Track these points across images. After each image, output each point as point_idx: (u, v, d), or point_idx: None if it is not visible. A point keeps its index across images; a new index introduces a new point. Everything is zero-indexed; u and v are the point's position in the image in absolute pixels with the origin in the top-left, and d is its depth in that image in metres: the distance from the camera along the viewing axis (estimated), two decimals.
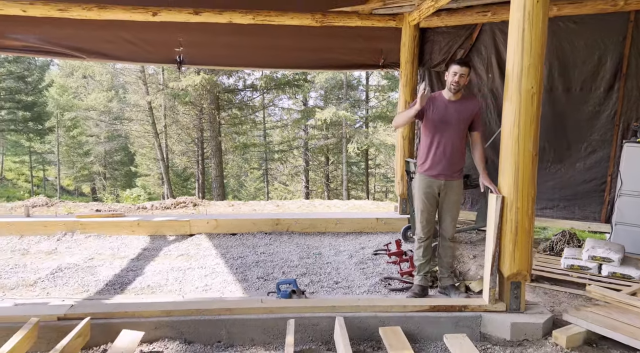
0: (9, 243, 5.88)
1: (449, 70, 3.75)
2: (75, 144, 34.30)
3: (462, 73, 3.69)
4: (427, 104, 3.77)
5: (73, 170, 35.88)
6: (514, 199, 3.33)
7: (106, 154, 34.30)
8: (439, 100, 3.83)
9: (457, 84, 3.71)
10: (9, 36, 6.43)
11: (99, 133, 31.34)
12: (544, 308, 3.56)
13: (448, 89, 3.80)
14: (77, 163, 35.39)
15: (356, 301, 3.51)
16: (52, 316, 3.20)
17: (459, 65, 3.70)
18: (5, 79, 27.28)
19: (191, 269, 5.08)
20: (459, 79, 3.69)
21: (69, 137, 34.12)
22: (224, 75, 19.30)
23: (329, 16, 6.27)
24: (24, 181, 39.11)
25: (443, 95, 3.85)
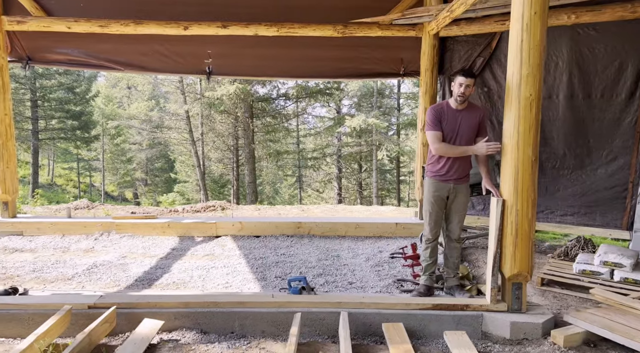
0: (52, 241, 6.36)
1: (455, 82, 3.90)
2: (119, 151, 35.83)
3: (468, 84, 3.83)
4: (440, 115, 3.92)
5: (116, 176, 37.44)
6: (514, 202, 3.45)
7: (148, 161, 35.66)
8: (447, 110, 3.97)
9: (463, 95, 3.85)
10: (56, 51, 7.00)
11: (141, 141, 32.66)
12: (546, 309, 3.65)
13: (455, 100, 3.94)
14: (120, 169, 36.93)
15: (361, 298, 3.70)
16: (84, 305, 3.54)
17: (464, 76, 3.84)
18: (56, 90, 28.82)
19: (214, 268, 5.38)
20: (464, 90, 3.83)
21: (113, 144, 35.70)
22: (258, 85, 19.84)
23: (350, 27, 6.50)
24: (72, 187, 41.04)
25: (450, 105, 3.99)
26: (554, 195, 6.34)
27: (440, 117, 3.95)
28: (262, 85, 20.27)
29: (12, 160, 6.83)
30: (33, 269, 5.23)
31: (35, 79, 27.57)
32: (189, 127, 22.15)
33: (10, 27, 6.56)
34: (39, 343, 2.84)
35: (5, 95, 6.75)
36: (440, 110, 3.99)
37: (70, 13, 6.60)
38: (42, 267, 5.30)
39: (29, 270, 5.20)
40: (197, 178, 29.28)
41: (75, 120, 29.31)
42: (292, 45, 6.83)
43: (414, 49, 6.76)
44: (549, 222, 6.34)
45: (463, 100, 3.91)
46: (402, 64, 6.97)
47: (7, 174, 6.78)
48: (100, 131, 33.12)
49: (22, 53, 6.94)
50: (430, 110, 4.04)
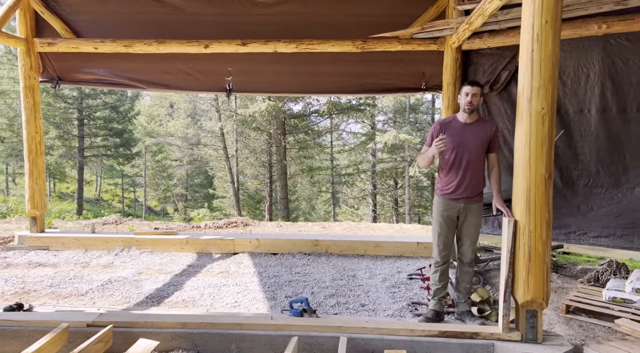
0: (74, 256, 6.48)
1: (461, 92, 3.75)
2: (160, 167, 36.86)
3: (474, 93, 3.67)
4: (442, 131, 3.77)
5: (157, 192, 38.48)
6: (526, 223, 3.22)
7: (188, 177, 36.52)
8: (454, 124, 3.80)
9: (470, 104, 3.69)
10: (84, 70, 7.23)
11: (181, 157, 33.51)
12: (564, 340, 3.36)
13: (463, 111, 3.77)
14: (161, 185, 37.94)
15: (364, 323, 3.52)
16: (82, 323, 3.52)
17: (469, 86, 3.70)
18: (101, 109, 30.01)
19: (226, 286, 5.31)
20: (471, 98, 3.67)
21: (154, 161, 36.78)
22: (291, 102, 19.99)
23: (369, 42, 6.40)
24: (117, 202, 42.48)
25: (458, 118, 3.82)
26: (586, 215, 5.95)
27: (443, 131, 3.78)
28: (295, 102, 20.42)
29: (41, 177, 7.05)
30: (50, 284, 5.31)
31: (82, 98, 28.81)
32: (223, 144, 22.49)
33: (42, 49, 6.83)
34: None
35: (37, 114, 7.00)
36: (444, 125, 3.83)
37: (97, 34, 6.82)
38: (59, 282, 5.37)
39: (47, 285, 5.28)
40: (234, 194, 29.70)
41: (118, 137, 30.38)
42: (311, 62, 6.80)
43: (435, 63, 6.58)
44: (581, 243, 5.94)
45: (471, 110, 3.73)
46: (424, 78, 6.80)
47: (36, 190, 7.00)
48: (142, 148, 34.23)
49: (53, 73, 7.20)
50: (434, 124, 3.89)
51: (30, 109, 6.90)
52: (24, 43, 6.73)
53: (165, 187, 37.78)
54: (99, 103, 29.58)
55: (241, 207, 29.66)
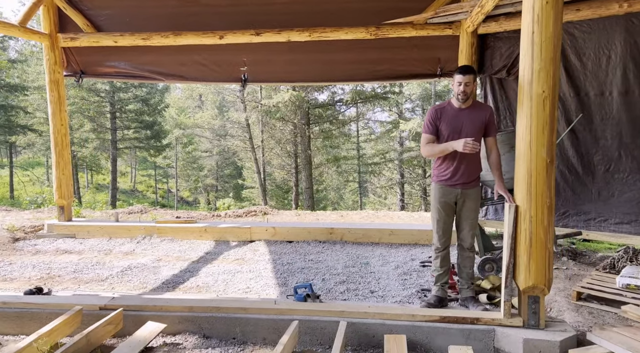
0: (99, 244, 6.73)
1: (454, 80, 3.70)
2: (190, 158, 37.55)
3: (467, 81, 3.61)
4: (437, 116, 3.74)
5: (189, 182, 39.26)
6: (527, 208, 3.17)
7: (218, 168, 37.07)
8: (449, 109, 3.76)
9: (463, 93, 3.63)
10: (105, 64, 7.43)
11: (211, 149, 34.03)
12: (568, 326, 3.31)
13: (457, 99, 3.72)
14: (192, 176, 38.67)
15: (366, 308, 3.56)
16: (95, 306, 3.68)
17: (462, 74, 3.63)
18: (132, 102, 30.72)
19: (240, 272, 5.42)
20: (464, 88, 3.62)
21: (185, 152, 37.50)
22: (316, 92, 19.97)
23: (383, 28, 6.35)
24: (151, 193, 43.60)
25: (453, 103, 3.78)
26: (607, 201, 5.79)
27: (439, 117, 3.74)
28: (319, 91, 20.39)
29: (67, 168, 7.32)
30: (74, 270, 5.54)
31: (114, 92, 29.55)
32: (249, 134, 22.72)
33: (65, 44, 7.05)
34: (38, 342, 2.97)
35: (62, 107, 7.24)
36: (439, 111, 3.78)
37: (117, 28, 6.99)
38: (82, 268, 5.59)
39: (70, 270, 5.51)
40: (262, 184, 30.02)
41: (149, 129, 31.04)
42: (325, 50, 6.78)
43: (451, 48, 6.48)
44: (601, 230, 5.79)
45: (465, 99, 3.68)
46: (440, 63, 6.70)
47: (63, 181, 7.28)
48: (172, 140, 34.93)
49: (76, 67, 7.43)
50: (429, 110, 3.86)
51: (55, 102, 7.14)
52: (48, 38, 6.96)
53: (195, 178, 38.49)
54: (130, 96, 30.28)
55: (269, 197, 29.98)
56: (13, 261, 5.94)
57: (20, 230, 7.44)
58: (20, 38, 5.58)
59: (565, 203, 6.06)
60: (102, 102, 29.73)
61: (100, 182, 41.74)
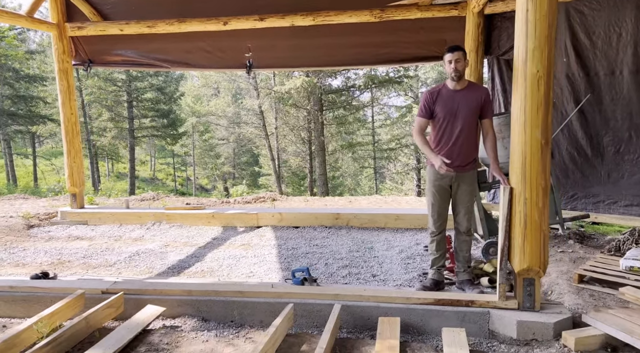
0: (110, 230, 6.86)
1: (445, 60, 3.67)
2: (207, 146, 37.83)
3: (457, 58, 3.58)
4: (432, 99, 3.70)
5: (206, 170, 39.63)
6: (522, 190, 3.12)
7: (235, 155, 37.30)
8: (444, 92, 3.71)
9: (455, 70, 3.60)
10: (112, 52, 7.50)
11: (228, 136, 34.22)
12: (564, 308, 3.28)
13: (450, 79, 3.68)
14: (209, 164, 39.01)
15: (361, 291, 3.57)
16: (97, 290, 3.76)
17: (450, 52, 3.63)
18: (148, 91, 31.01)
19: (245, 257, 5.47)
20: (455, 65, 3.59)
21: (202, 140, 37.78)
22: (330, 77, 19.86)
23: (388, 11, 6.26)
24: (171, 181, 44.17)
25: (448, 85, 3.73)
26: (617, 183, 5.67)
27: (434, 100, 3.70)
28: (333, 77, 20.28)
29: (78, 156, 7.45)
30: (84, 255, 5.66)
31: (130, 81, 29.85)
32: (262, 121, 22.76)
33: (72, 33, 7.13)
34: (38, 325, 3.06)
35: (71, 96, 7.34)
36: (434, 93, 3.74)
37: (123, 16, 7.04)
38: (92, 254, 5.72)
39: (80, 256, 5.64)
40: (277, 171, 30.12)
41: (165, 118, 31.35)
42: (329, 34, 6.73)
43: (457, 30, 6.37)
44: (610, 213, 5.69)
45: (458, 77, 3.64)
46: (446, 45, 6.54)
47: (74, 169, 7.41)
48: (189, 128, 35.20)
49: (84, 56, 7.51)
50: (424, 93, 3.82)
51: (65, 91, 7.25)
52: (55, 28, 7.05)
53: (213, 166, 38.83)
54: (146, 85, 30.57)
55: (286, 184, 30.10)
56: (27, 247, 6.10)
57: (35, 217, 7.63)
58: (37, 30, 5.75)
59: (574, 186, 5.95)
60: (119, 91, 30.08)
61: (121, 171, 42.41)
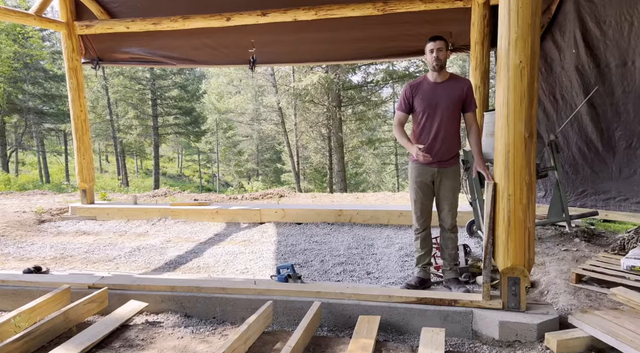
0: (116, 225, 6.95)
1: (426, 50, 3.54)
2: (230, 143, 38.18)
3: (439, 47, 3.47)
4: (411, 93, 3.59)
5: (230, 167, 40.02)
6: (505, 186, 2.99)
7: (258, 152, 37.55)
8: (425, 84, 3.59)
9: (437, 59, 3.49)
10: (120, 50, 7.60)
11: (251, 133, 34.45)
12: (551, 309, 3.13)
13: (432, 69, 3.56)
14: (232, 161, 39.38)
15: (343, 288, 3.49)
16: (84, 284, 3.79)
17: (432, 41, 3.52)
18: (171, 89, 31.47)
19: (243, 254, 5.45)
20: (437, 53, 3.48)
21: (225, 137, 38.14)
22: (349, 73, 19.71)
23: (391, 3, 6.12)
24: (197, 177, 44.82)
25: (429, 78, 3.61)
26: (629, 179, 5.42)
27: (414, 93, 3.59)
28: (352, 73, 20.14)
29: (87, 152, 7.57)
30: (86, 250, 5.74)
31: (154, 79, 30.34)
32: (281, 118, 22.79)
33: (81, 31, 7.23)
34: (16, 319, 3.09)
35: (81, 93, 7.46)
36: (414, 86, 3.63)
37: (130, 14, 7.12)
38: (94, 249, 5.80)
39: (83, 251, 5.72)
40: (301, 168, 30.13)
41: (187, 115, 31.74)
42: (333, 28, 6.64)
43: (462, 22, 6.20)
44: (621, 210, 5.45)
45: (440, 67, 3.51)
46: (451, 38, 6.42)
47: (84, 165, 7.54)
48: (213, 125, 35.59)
49: (93, 54, 7.63)
50: (404, 87, 3.71)
51: (74, 89, 7.37)
52: (65, 26, 7.16)
53: (236, 162, 39.16)
54: (169, 83, 31.03)
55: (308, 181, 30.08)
56: (35, 242, 6.23)
57: (48, 212, 7.79)
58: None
59: (583, 182, 5.72)
60: (144, 89, 30.62)
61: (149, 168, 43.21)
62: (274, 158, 39.06)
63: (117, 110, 32.29)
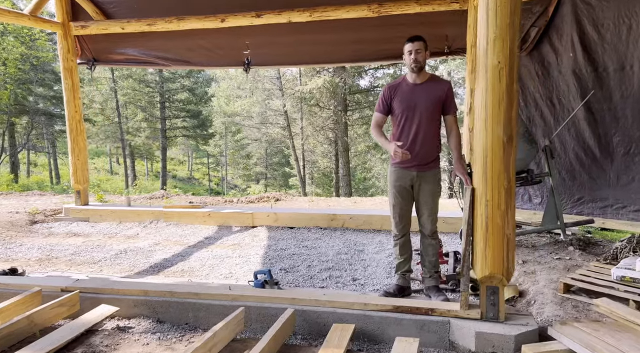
0: (108, 227, 6.90)
1: (404, 51, 3.42)
2: (238, 147, 38.21)
3: (417, 48, 3.33)
4: (390, 94, 3.47)
5: (238, 170, 40.06)
6: (483, 191, 2.86)
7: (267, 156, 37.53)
8: (404, 85, 3.47)
9: (416, 61, 3.36)
10: (116, 51, 7.56)
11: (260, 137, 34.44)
12: (531, 320, 2.99)
13: (410, 71, 3.43)
14: (241, 164, 39.40)
15: (318, 295, 3.37)
16: (57, 287, 3.71)
17: (410, 42, 3.39)
18: (180, 92, 31.60)
19: (230, 257, 5.36)
20: (415, 56, 3.34)
21: (234, 141, 38.18)
22: (356, 77, 19.59)
23: (386, 5, 6.02)
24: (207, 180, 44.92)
25: (407, 79, 3.49)
26: (627, 187, 5.25)
27: (393, 95, 3.47)
28: (360, 77, 20.02)
29: (82, 154, 7.54)
30: (73, 252, 5.68)
31: (163, 82, 30.48)
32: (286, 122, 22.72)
33: (76, 32, 7.22)
34: None
35: (76, 94, 7.44)
36: (393, 88, 3.51)
37: (126, 15, 7.09)
38: (81, 251, 5.73)
39: (69, 253, 5.66)
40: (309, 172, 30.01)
41: (195, 119, 31.82)
42: (328, 30, 6.56)
43: (459, 24, 6.06)
44: (619, 218, 5.27)
45: (419, 68, 3.39)
46: (447, 41, 6.30)
47: (79, 166, 7.51)
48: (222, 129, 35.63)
49: (89, 55, 7.61)
50: (383, 88, 3.59)
51: (69, 89, 7.35)
52: (60, 27, 7.15)
53: (244, 166, 39.17)
54: (178, 86, 31.15)
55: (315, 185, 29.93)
56: (24, 242, 6.19)
57: (42, 213, 7.77)
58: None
59: (580, 189, 5.55)
60: (153, 92, 30.76)
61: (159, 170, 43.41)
62: (283, 162, 39.02)
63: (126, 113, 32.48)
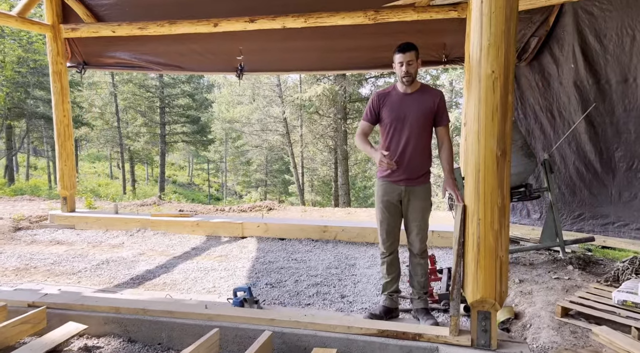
0: (93, 235, 6.70)
1: (395, 62, 3.21)
2: (238, 153, 38.03)
3: (409, 60, 3.13)
4: (378, 103, 3.28)
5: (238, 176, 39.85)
6: (475, 209, 2.66)
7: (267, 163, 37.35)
8: (393, 95, 3.27)
9: (407, 73, 3.16)
10: (106, 54, 7.40)
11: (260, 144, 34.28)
12: (526, 347, 2.76)
13: (401, 82, 3.23)
14: (240, 171, 39.21)
15: (300, 316, 3.16)
16: (24, 302, 3.50)
17: (401, 53, 3.16)
18: (179, 97, 31.46)
19: (215, 270, 5.15)
20: (407, 68, 3.14)
21: (233, 147, 38.01)
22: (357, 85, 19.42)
23: (382, 12, 5.86)
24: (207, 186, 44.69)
25: (398, 88, 3.29)
26: (629, 204, 5.04)
27: (382, 103, 3.28)
28: (361, 85, 19.85)
29: (69, 159, 7.35)
30: (53, 262, 5.48)
31: (163, 87, 30.35)
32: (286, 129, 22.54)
33: (66, 34, 7.06)
34: None
35: (65, 98, 7.26)
36: (382, 96, 3.31)
37: (117, 18, 6.92)
38: (62, 261, 5.53)
39: (49, 262, 5.45)
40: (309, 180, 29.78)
41: (195, 124, 31.66)
42: (323, 37, 6.39)
43: (457, 32, 5.89)
44: (621, 236, 5.06)
45: (410, 81, 3.18)
46: (445, 49, 6.13)
47: (66, 171, 7.32)
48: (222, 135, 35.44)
49: (79, 58, 7.45)
50: (372, 96, 3.40)
51: (58, 93, 7.17)
52: (50, 29, 6.99)
53: (244, 172, 38.97)
54: (178, 92, 31.02)
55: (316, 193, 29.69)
56: (4, 250, 5.99)
57: (27, 219, 7.57)
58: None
59: (580, 205, 5.35)
60: (152, 97, 30.62)
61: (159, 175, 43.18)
62: (283, 169, 38.82)
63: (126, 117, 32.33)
